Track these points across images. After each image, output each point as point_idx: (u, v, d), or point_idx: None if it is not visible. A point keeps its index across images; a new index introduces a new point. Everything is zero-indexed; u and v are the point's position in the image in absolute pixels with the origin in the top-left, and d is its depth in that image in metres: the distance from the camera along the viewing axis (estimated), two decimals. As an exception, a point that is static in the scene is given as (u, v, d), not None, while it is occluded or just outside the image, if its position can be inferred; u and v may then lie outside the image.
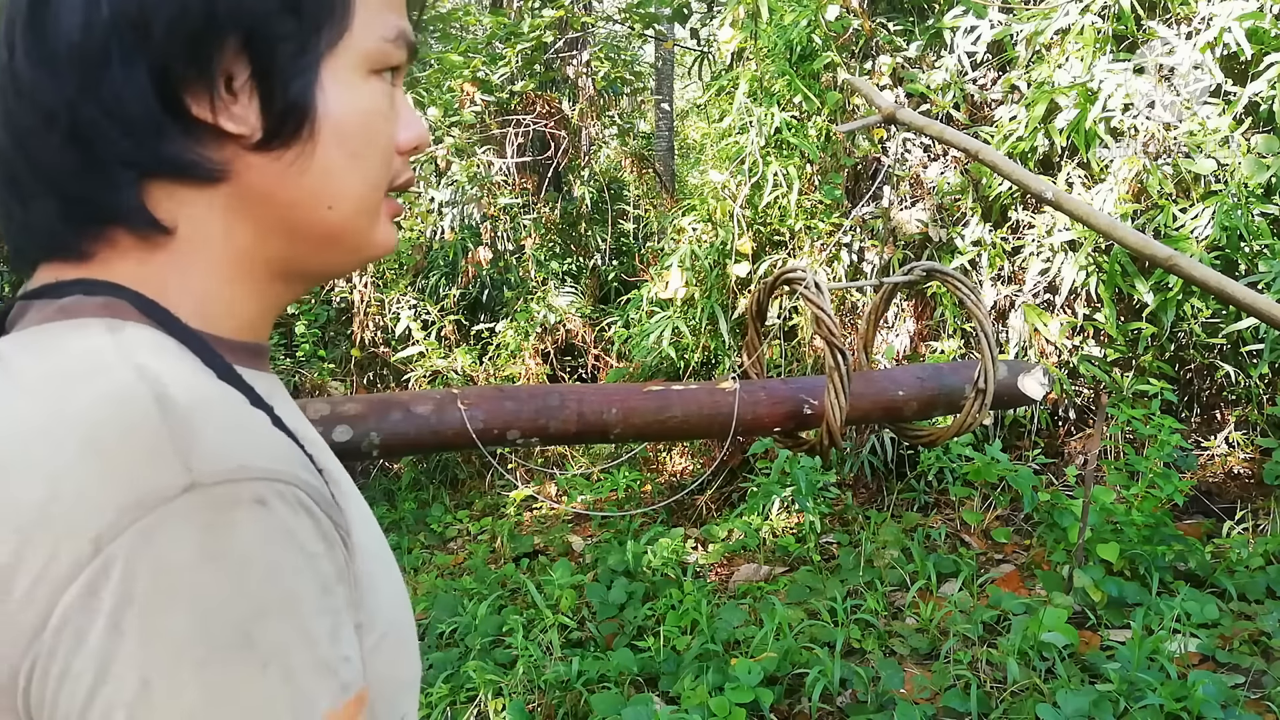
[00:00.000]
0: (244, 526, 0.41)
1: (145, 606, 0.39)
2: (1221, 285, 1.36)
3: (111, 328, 0.48)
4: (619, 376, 5.31)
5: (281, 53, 0.50)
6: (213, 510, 0.41)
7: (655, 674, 2.78)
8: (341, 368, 6.21)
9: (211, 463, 0.42)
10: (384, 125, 0.55)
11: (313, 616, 0.43)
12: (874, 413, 1.33)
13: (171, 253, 0.51)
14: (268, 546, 0.42)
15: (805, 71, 4.14)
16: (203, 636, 0.40)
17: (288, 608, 0.42)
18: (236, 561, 0.41)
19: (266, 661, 0.41)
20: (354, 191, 0.54)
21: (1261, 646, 2.65)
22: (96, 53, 0.46)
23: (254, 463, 0.43)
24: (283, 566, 0.42)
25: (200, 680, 0.40)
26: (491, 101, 6.04)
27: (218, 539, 0.41)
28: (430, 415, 1.17)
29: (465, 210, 6.08)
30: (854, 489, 4.21)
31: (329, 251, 0.56)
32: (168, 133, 0.48)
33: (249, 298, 0.54)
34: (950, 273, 1.28)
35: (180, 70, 0.47)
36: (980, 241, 4.01)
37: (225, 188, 0.51)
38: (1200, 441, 4.03)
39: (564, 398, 1.12)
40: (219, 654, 0.40)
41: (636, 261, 6.51)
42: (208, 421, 0.44)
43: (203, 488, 0.41)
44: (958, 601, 2.96)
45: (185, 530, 0.40)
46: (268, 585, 0.42)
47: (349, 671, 0.45)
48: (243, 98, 0.49)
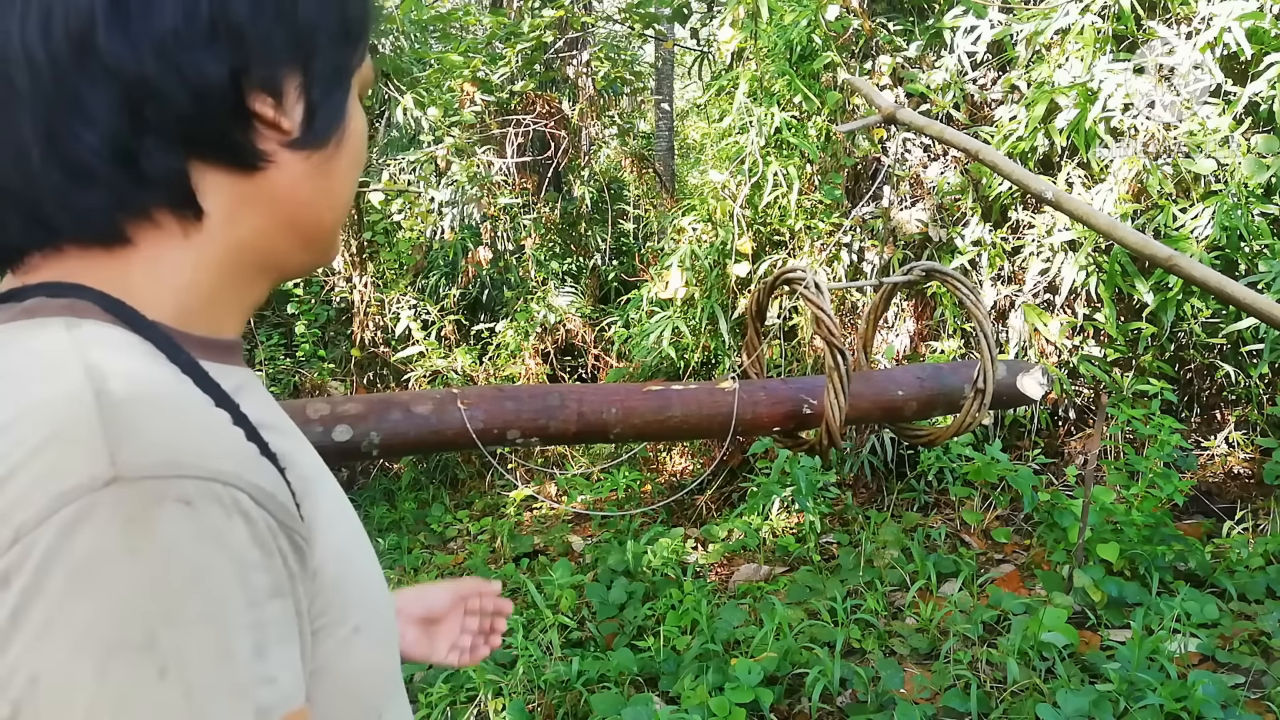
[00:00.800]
0: (166, 525, 0.41)
1: (51, 599, 0.39)
2: (1221, 285, 1.36)
3: (69, 325, 0.49)
4: (619, 376, 5.31)
5: (330, 70, 0.58)
6: (135, 506, 0.40)
7: (655, 674, 2.78)
8: (341, 368, 6.20)
9: (139, 457, 0.41)
10: (365, 143, 0.64)
11: (233, 630, 0.42)
12: (874, 413, 1.33)
13: (190, 240, 0.54)
14: (191, 548, 0.41)
15: (805, 71, 4.14)
16: (104, 633, 0.39)
17: (204, 616, 0.41)
18: (152, 560, 0.40)
19: (165, 670, 0.39)
20: (346, 197, 0.62)
21: (1261, 646, 2.64)
22: (192, 39, 0.50)
23: (188, 461, 0.42)
24: (205, 571, 0.41)
25: (93, 680, 0.39)
26: (491, 101, 6.04)
27: (136, 535, 0.40)
28: (430, 415, 1.17)
29: (465, 210, 6.08)
30: (854, 489, 4.20)
31: (309, 251, 0.62)
32: (233, 119, 0.53)
33: (231, 291, 0.57)
34: (950, 273, 1.28)
35: (254, 72, 0.53)
36: (980, 241, 4.01)
37: (254, 179, 0.56)
38: (1200, 441, 4.03)
39: (564, 398, 1.12)
40: (118, 654, 0.39)
41: (636, 261, 6.51)
42: (146, 416, 0.43)
43: (126, 481, 0.40)
44: (958, 601, 2.96)
45: (104, 524, 0.40)
46: (184, 589, 0.40)
47: (271, 694, 0.43)
48: (292, 101, 0.56)
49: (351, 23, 0.59)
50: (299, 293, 6.30)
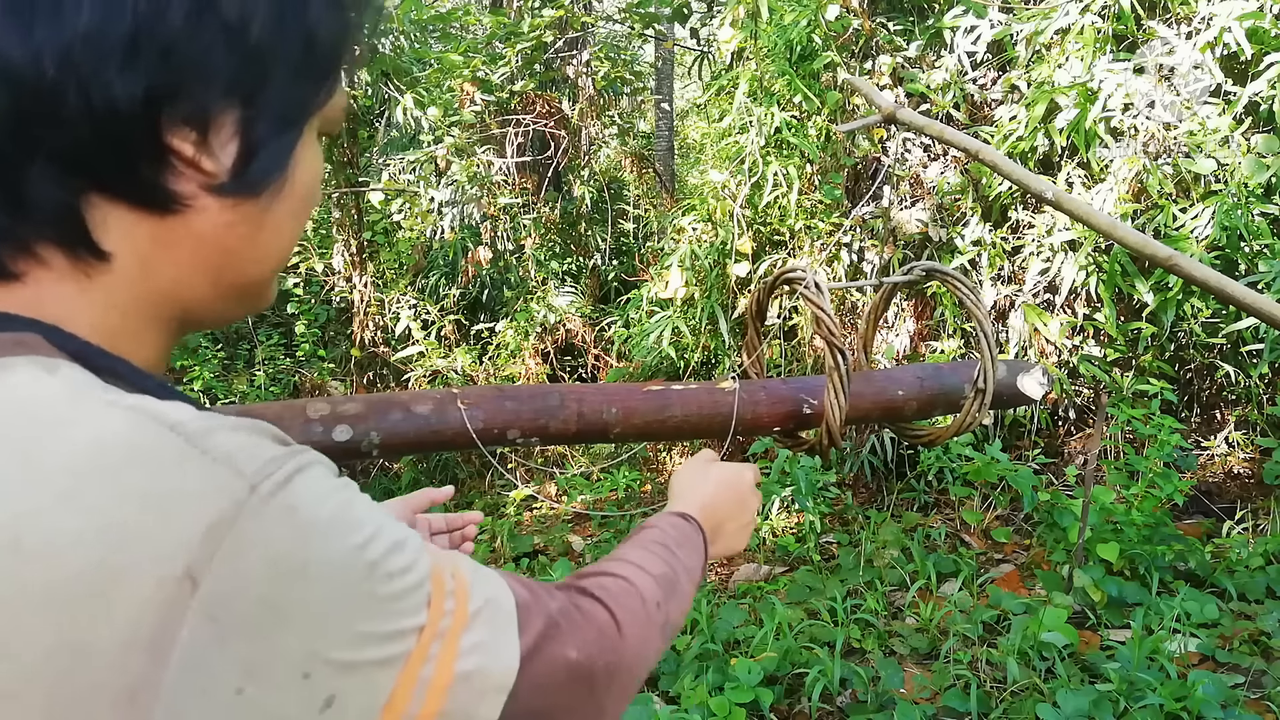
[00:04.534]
0: (313, 490, 0.44)
1: (272, 605, 0.41)
2: (1221, 285, 1.36)
3: (48, 368, 0.44)
4: (619, 376, 5.31)
5: (279, 110, 0.49)
6: (282, 496, 0.42)
7: (655, 674, 2.78)
8: (341, 368, 6.21)
9: (251, 463, 0.42)
10: (318, 188, 0.56)
11: (380, 522, 0.47)
12: (874, 412, 1.33)
13: (95, 283, 0.47)
14: (331, 492, 0.45)
15: (805, 71, 4.14)
16: (335, 589, 0.43)
17: (380, 523, 0.46)
18: (328, 515, 0.44)
19: (387, 574, 0.45)
20: (283, 249, 0.54)
21: (1261, 646, 2.64)
22: (104, 51, 0.43)
23: (272, 449, 0.44)
24: (351, 501, 0.46)
25: (348, 622, 0.43)
26: (491, 101, 6.04)
27: (305, 512, 0.43)
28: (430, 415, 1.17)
29: (465, 210, 6.08)
30: (854, 489, 4.20)
31: (236, 303, 0.55)
32: (142, 152, 0.46)
33: (150, 339, 0.51)
34: (950, 272, 1.28)
35: (179, 99, 0.45)
36: (980, 241, 4.01)
37: (168, 222, 0.48)
38: (1200, 441, 4.03)
39: (564, 397, 1.12)
40: (353, 593, 0.43)
41: (636, 261, 6.51)
42: (222, 433, 0.43)
43: (258, 487, 0.42)
44: (958, 601, 2.96)
45: (272, 526, 0.41)
46: (362, 513, 0.45)
47: (417, 540, 0.49)
48: (223, 139, 0.48)
49: (319, 55, 0.50)
50: (299, 293, 6.30)
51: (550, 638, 0.55)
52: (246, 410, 0.92)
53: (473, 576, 0.52)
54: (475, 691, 0.49)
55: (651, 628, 0.68)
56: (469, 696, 0.48)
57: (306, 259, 6.13)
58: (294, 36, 0.48)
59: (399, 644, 0.45)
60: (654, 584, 0.71)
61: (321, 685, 0.42)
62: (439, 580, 0.48)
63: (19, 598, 0.37)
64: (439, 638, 0.47)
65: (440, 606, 0.48)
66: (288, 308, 6.42)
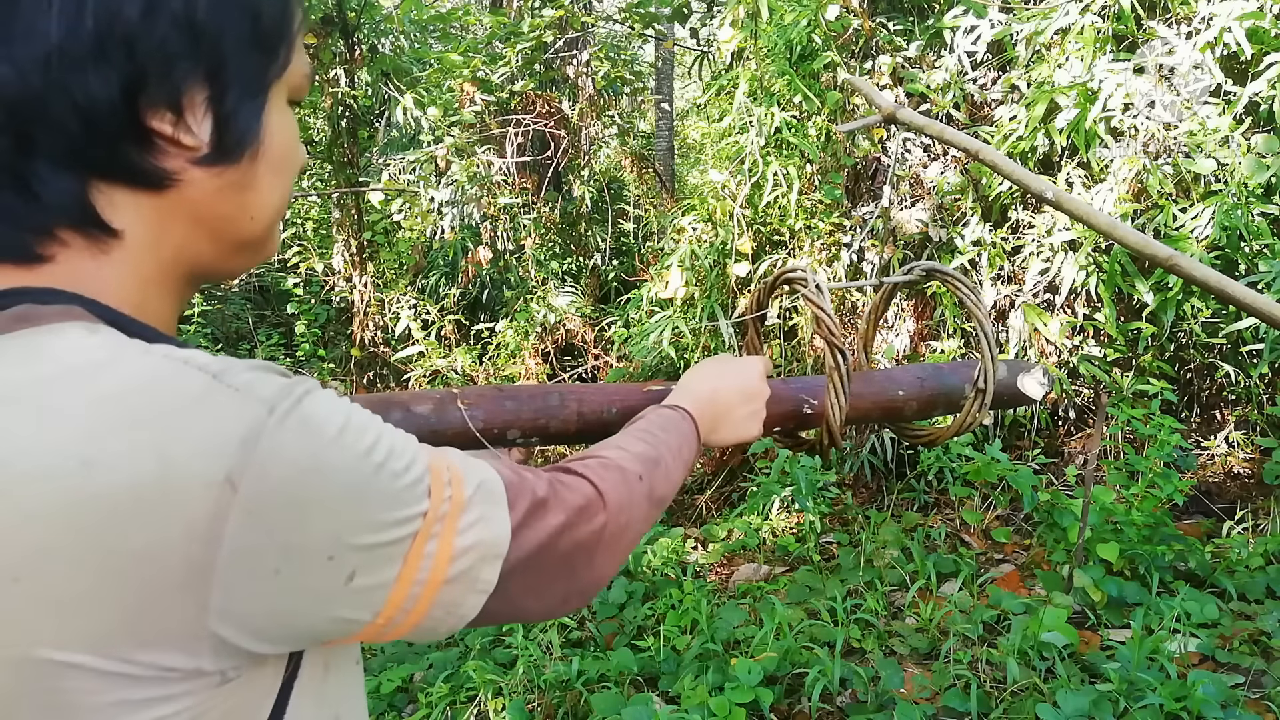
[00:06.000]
0: (321, 408, 0.51)
1: (299, 501, 0.49)
2: (1221, 285, 1.36)
3: (91, 330, 0.50)
4: (619, 376, 5.31)
5: (242, 82, 0.56)
6: (297, 415, 0.50)
7: (655, 674, 2.78)
8: (341, 367, 6.21)
9: (267, 388, 0.50)
10: (297, 148, 0.63)
11: (381, 426, 0.55)
12: (874, 412, 1.32)
13: (112, 257, 0.54)
14: (341, 406, 0.53)
15: (805, 71, 4.14)
16: (349, 486, 0.51)
17: (378, 429, 0.54)
18: (336, 427, 0.51)
19: (393, 472, 0.53)
20: (273, 205, 0.61)
21: (1261, 646, 2.64)
22: (77, 57, 0.49)
23: (282, 380, 0.51)
24: (354, 410, 0.54)
25: (362, 513, 0.52)
26: (491, 101, 6.03)
27: (317, 424, 0.50)
28: (430, 415, 1.17)
29: (465, 210, 6.07)
30: (854, 489, 4.20)
31: (241, 256, 0.62)
32: (128, 139, 0.52)
33: (167, 301, 0.58)
34: (950, 272, 1.28)
35: (151, 86, 0.51)
36: (980, 241, 4.01)
37: (166, 196, 0.54)
38: (1200, 441, 4.03)
39: (564, 397, 1.12)
40: (364, 488, 0.52)
41: (636, 261, 6.51)
42: (239, 370, 0.50)
43: (277, 406, 0.49)
44: (958, 601, 2.96)
45: (291, 438, 0.49)
46: (366, 423, 0.54)
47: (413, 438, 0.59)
48: (198, 116, 0.54)
49: (266, 27, 0.56)
50: (299, 293, 6.30)
51: (536, 511, 0.64)
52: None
53: (464, 466, 0.60)
54: (476, 558, 0.58)
55: (634, 495, 0.76)
56: (470, 562, 0.58)
57: (306, 259, 6.13)
58: (239, 14, 0.54)
59: (406, 527, 0.54)
60: (634, 459, 0.80)
61: (344, 563, 0.51)
62: (437, 473, 0.57)
63: (89, 505, 0.44)
64: (440, 519, 0.56)
65: (440, 494, 0.56)
66: (288, 308, 6.41)
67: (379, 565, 0.53)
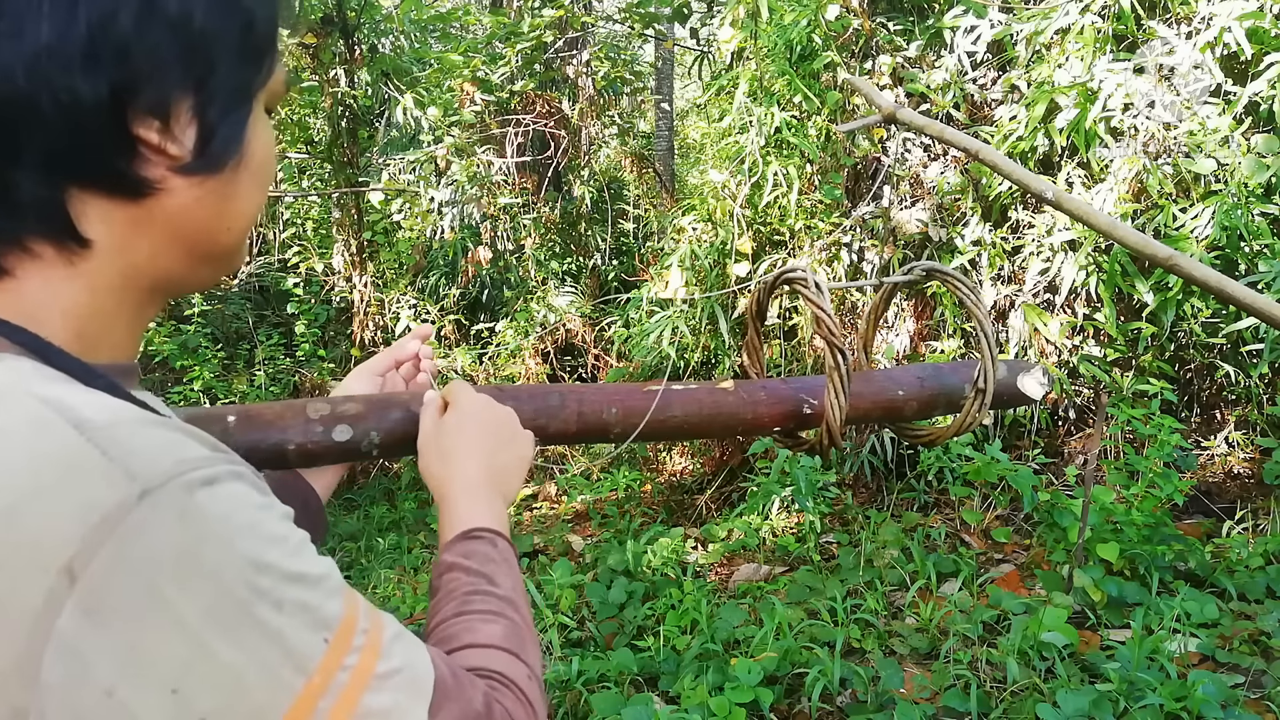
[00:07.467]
0: (210, 505, 0.44)
1: (160, 606, 0.41)
2: (1221, 285, 1.36)
3: None
4: (619, 376, 5.31)
5: (229, 90, 0.54)
6: (176, 504, 0.43)
7: (655, 674, 2.78)
8: (341, 368, 6.20)
9: (152, 466, 0.43)
10: (273, 158, 0.61)
11: (298, 550, 0.48)
12: (874, 412, 1.32)
13: (76, 269, 0.51)
14: (237, 512, 0.45)
15: (805, 71, 4.14)
16: (223, 611, 0.42)
17: (276, 554, 0.46)
18: (219, 535, 0.44)
19: (280, 603, 0.45)
20: (249, 215, 0.59)
21: (1261, 646, 2.64)
22: (66, 59, 0.47)
23: (186, 454, 0.45)
24: (256, 523, 0.46)
25: (236, 650, 0.42)
26: (491, 101, 6.04)
27: (194, 524, 0.43)
28: (430, 415, 1.17)
29: (465, 210, 6.08)
30: (854, 489, 4.20)
31: (209, 267, 0.58)
32: (113, 145, 0.50)
33: (126, 316, 0.55)
34: (950, 272, 1.28)
35: (140, 93, 0.49)
36: (980, 241, 4.01)
37: (143, 205, 0.52)
38: (1200, 441, 4.02)
39: (564, 397, 1.12)
40: (242, 622, 0.43)
41: (636, 261, 6.51)
42: (129, 433, 0.45)
43: (155, 490, 0.43)
44: (958, 601, 2.96)
45: (163, 530, 0.42)
46: (253, 542, 0.45)
47: (337, 579, 0.50)
48: (183, 124, 0.52)
49: (256, 37, 0.55)
50: (299, 292, 6.30)
51: None
52: (246, 410, 0.92)
53: (391, 633, 0.51)
54: None
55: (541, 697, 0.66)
56: None
57: (306, 259, 6.13)
58: (233, 23, 0.53)
59: (285, 679, 0.44)
60: (534, 647, 0.69)
61: (190, 703, 0.41)
62: (349, 625, 0.48)
63: None
64: (329, 693, 0.45)
65: (343, 648, 0.47)
66: (288, 307, 6.41)
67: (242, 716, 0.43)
